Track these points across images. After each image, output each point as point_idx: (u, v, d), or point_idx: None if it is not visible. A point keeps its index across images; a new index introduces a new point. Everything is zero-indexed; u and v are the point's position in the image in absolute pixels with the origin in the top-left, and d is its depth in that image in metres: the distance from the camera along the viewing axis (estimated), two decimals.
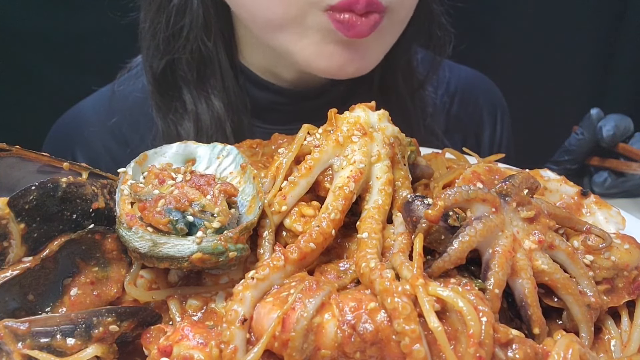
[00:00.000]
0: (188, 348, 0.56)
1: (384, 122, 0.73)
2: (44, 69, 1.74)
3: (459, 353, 0.52)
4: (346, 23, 0.96)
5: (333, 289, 0.57)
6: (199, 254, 0.60)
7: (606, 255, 0.66)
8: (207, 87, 1.19)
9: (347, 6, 0.94)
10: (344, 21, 0.96)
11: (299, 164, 0.71)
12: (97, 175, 0.71)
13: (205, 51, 1.16)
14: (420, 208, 0.62)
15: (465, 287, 0.56)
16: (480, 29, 1.83)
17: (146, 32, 1.18)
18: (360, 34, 0.97)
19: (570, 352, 0.54)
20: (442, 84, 1.46)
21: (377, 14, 0.97)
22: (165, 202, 0.63)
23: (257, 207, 0.66)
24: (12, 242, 0.62)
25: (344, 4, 0.94)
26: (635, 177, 1.25)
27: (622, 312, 0.68)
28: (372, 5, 0.95)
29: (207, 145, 0.76)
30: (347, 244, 0.69)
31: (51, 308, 0.64)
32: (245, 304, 0.56)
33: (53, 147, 1.37)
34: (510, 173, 0.69)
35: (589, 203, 0.75)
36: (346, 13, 0.95)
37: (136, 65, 1.33)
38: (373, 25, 0.97)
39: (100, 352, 0.59)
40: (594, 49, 2.04)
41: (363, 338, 0.53)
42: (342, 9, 0.95)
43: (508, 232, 0.62)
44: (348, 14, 0.95)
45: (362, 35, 0.98)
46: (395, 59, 1.23)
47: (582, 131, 1.30)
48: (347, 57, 1.03)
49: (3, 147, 0.67)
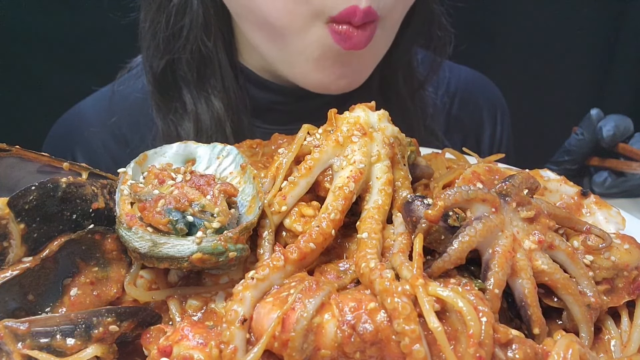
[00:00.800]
0: (188, 348, 0.56)
1: (383, 122, 0.73)
2: (44, 69, 1.74)
3: (458, 353, 0.52)
4: (343, 34, 0.97)
5: (333, 289, 0.57)
6: (199, 254, 0.60)
7: (606, 255, 0.66)
8: (207, 87, 1.19)
9: (346, 17, 0.95)
10: (342, 32, 0.97)
11: (299, 164, 0.71)
12: (97, 176, 0.71)
13: (205, 51, 1.16)
14: (420, 208, 0.62)
15: (465, 287, 0.56)
16: (480, 30, 1.83)
17: (146, 32, 1.18)
18: (357, 45, 0.99)
19: (570, 352, 0.54)
20: (442, 85, 1.46)
21: (372, 24, 0.99)
22: (165, 202, 0.63)
23: (257, 207, 0.66)
24: (12, 242, 0.62)
25: (343, 15, 0.95)
26: (635, 177, 1.25)
27: (622, 312, 0.68)
28: (369, 15, 0.96)
29: (207, 146, 0.76)
30: (347, 244, 0.69)
31: (51, 308, 0.64)
32: (245, 304, 0.56)
33: (53, 147, 1.37)
34: (510, 173, 0.69)
35: (589, 203, 0.75)
36: (344, 24, 0.97)
37: (136, 65, 1.33)
38: (369, 36, 0.99)
39: (100, 352, 0.59)
40: (594, 49, 2.04)
41: (363, 338, 0.53)
42: (341, 20, 0.96)
43: (508, 232, 0.62)
44: (345, 25, 0.97)
45: (359, 47, 0.99)
46: (396, 60, 1.24)
47: (582, 131, 1.30)
48: (340, 72, 1.05)
49: (3, 147, 0.67)
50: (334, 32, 0.98)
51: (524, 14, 1.97)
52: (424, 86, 1.34)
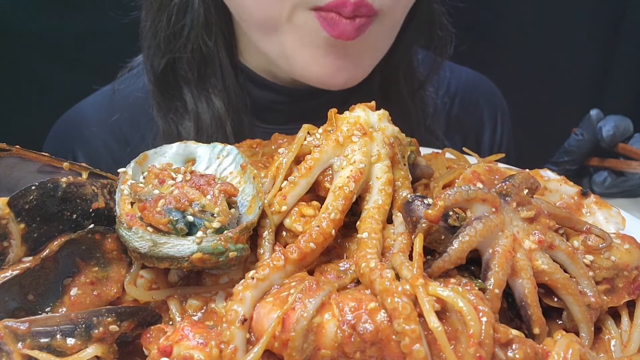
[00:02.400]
0: (188, 348, 0.56)
1: (383, 122, 0.73)
2: (44, 69, 1.74)
3: (459, 353, 0.52)
4: (330, 20, 0.96)
5: (333, 289, 0.57)
6: (199, 254, 0.60)
7: (606, 255, 0.66)
8: (207, 86, 1.20)
9: (334, 7, 0.94)
10: (329, 18, 0.96)
11: (299, 164, 0.71)
12: (97, 175, 0.71)
13: (206, 50, 1.16)
14: (420, 208, 0.62)
15: (465, 287, 0.56)
16: (480, 30, 1.83)
17: (147, 31, 1.18)
18: (344, 34, 0.97)
19: (570, 352, 0.54)
20: (443, 85, 1.46)
21: (365, 18, 0.97)
22: (165, 202, 0.63)
23: (257, 207, 0.66)
24: (12, 242, 0.62)
25: (330, 5, 0.94)
26: (635, 177, 1.25)
27: (622, 312, 0.68)
28: (360, 8, 0.95)
29: (207, 145, 0.76)
30: (347, 244, 0.69)
31: (51, 308, 0.64)
32: (245, 304, 0.56)
33: (54, 146, 1.38)
34: (510, 173, 0.69)
35: (589, 203, 0.75)
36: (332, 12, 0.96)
37: (137, 65, 1.33)
38: (358, 27, 0.97)
39: (100, 352, 0.59)
40: (594, 50, 2.04)
41: (363, 338, 0.53)
42: (328, 10, 0.95)
43: (508, 232, 0.62)
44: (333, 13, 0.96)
45: (348, 36, 0.97)
46: (397, 59, 1.24)
47: (581, 132, 1.30)
48: (338, 66, 1.04)
49: (3, 147, 0.67)
50: (320, 17, 0.96)
51: (524, 14, 1.97)
52: (424, 86, 1.34)
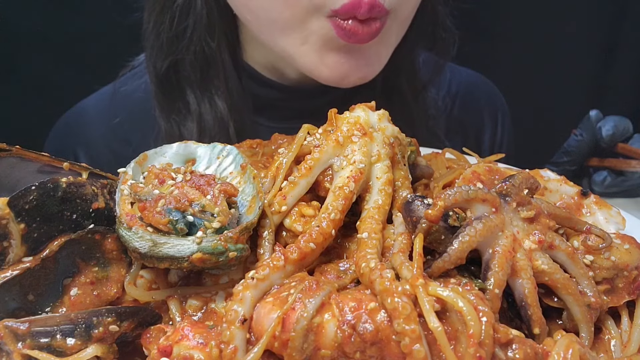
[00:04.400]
0: (188, 348, 0.56)
1: (384, 122, 0.73)
2: (44, 69, 1.74)
3: (459, 353, 0.52)
4: (348, 31, 0.95)
5: (333, 289, 0.57)
6: (199, 254, 0.60)
7: (606, 255, 0.66)
8: (210, 87, 1.19)
9: (350, 10, 0.93)
10: (346, 28, 0.95)
11: (299, 164, 0.71)
12: (97, 175, 0.71)
13: (208, 52, 1.16)
14: (420, 208, 0.62)
15: (465, 287, 0.56)
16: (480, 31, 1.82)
17: (150, 33, 1.18)
18: (361, 41, 0.97)
19: (570, 352, 0.54)
20: (444, 86, 1.46)
21: (378, 21, 0.97)
22: (165, 202, 0.63)
23: (257, 207, 0.66)
24: (12, 242, 0.62)
25: (346, 8, 0.93)
26: (635, 177, 1.25)
27: (622, 312, 0.68)
28: (374, 9, 0.94)
29: (207, 145, 0.76)
30: (347, 244, 0.69)
31: (51, 308, 0.64)
32: (245, 304, 0.56)
33: (55, 145, 1.38)
34: (510, 173, 0.69)
35: (589, 203, 0.75)
36: (349, 20, 0.94)
37: (138, 64, 1.33)
38: (375, 32, 0.97)
39: (100, 352, 0.59)
40: (594, 50, 2.04)
41: (363, 338, 0.53)
42: (344, 13, 0.94)
43: (508, 232, 0.62)
44: (351, 20, 0.94)
45: (363, 41, 0.97)
46: (399, 60, 1.23)
47: (581, 132, 1.30)
48: (351, 65, 1.03)
49: (3, 147, 0.67)
50: (337, 26, 0.95)
51: (524, 15, 1.97)
52: (426, 87, 1.34)
